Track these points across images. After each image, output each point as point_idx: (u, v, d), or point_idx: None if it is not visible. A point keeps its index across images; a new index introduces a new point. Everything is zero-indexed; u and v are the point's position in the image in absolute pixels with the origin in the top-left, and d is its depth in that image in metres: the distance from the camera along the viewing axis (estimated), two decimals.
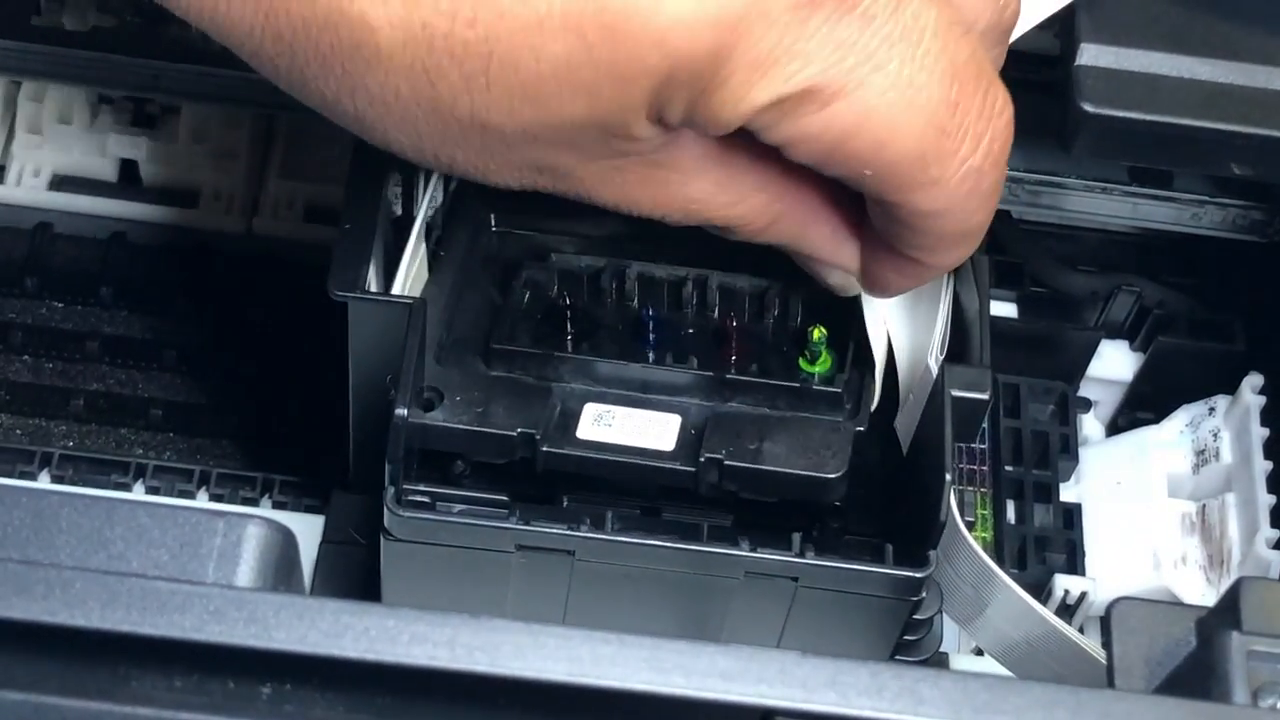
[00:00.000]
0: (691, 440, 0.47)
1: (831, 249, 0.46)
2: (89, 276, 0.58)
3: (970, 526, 0.49)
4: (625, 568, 0.45)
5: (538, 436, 0.46)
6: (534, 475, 0.47)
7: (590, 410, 0.47)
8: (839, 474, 0.46)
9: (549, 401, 0.47)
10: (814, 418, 0.47)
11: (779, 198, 0.45)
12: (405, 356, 0.45)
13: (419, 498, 0.46)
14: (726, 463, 0.46)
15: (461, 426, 0.46)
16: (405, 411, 0.45)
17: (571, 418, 0.47)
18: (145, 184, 0.60)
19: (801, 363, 0.48)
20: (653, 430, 0.47)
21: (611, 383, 0.48)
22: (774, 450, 0.46)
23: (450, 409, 0.47)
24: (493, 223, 0.51)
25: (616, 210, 0.45)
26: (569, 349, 0.48)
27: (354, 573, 0.52)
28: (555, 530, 0.45)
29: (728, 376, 0.48)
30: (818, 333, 0.48)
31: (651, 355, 0.48)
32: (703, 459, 0.46)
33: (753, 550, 0.45)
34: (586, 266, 0.50)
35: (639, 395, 0.48)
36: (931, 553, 0.45)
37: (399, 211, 0.49)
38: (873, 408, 0.48)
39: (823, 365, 0.48)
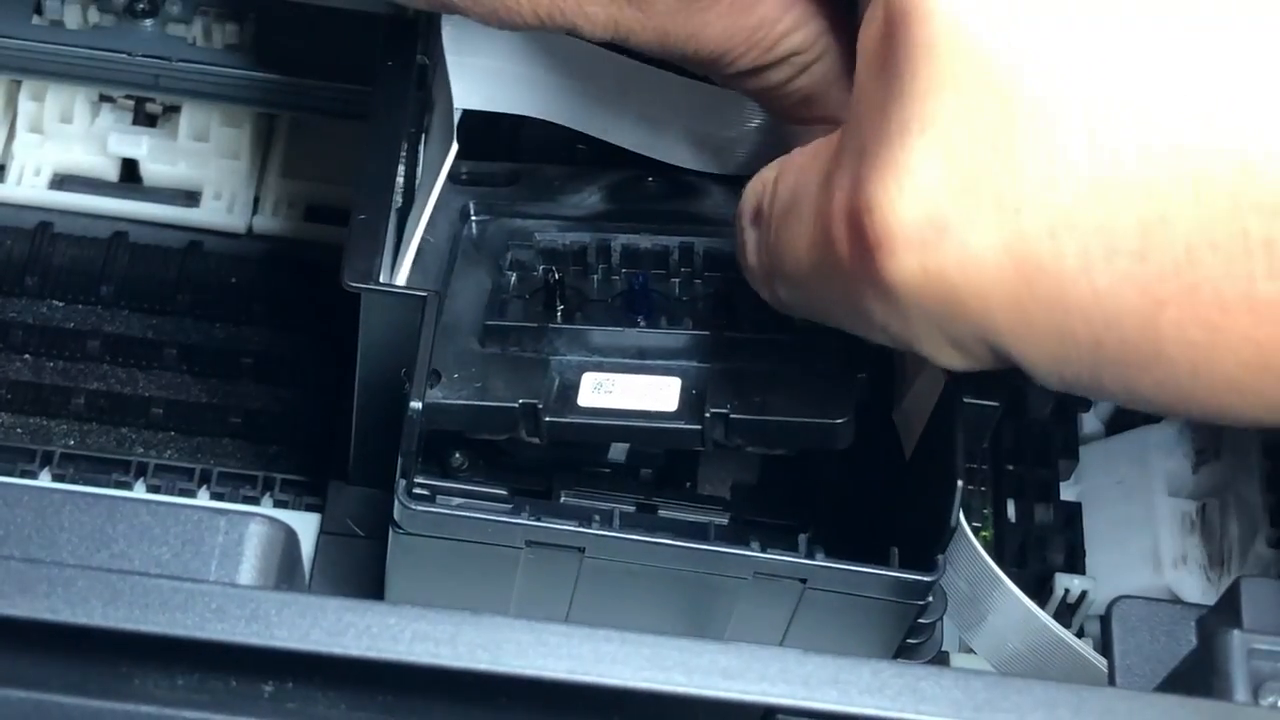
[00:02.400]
0: (694, 400, 0.47)
1: (843, 105, 0.46)
2: (90, 275, 0.58)
3: (975, 531, 0.49)
4: (632, 565, 0.45)
5: (540, 407, 0.46)
6: (532, 468, 0.47)
7: (589, 379, 0.47)
8: (845, 419, 0.46)
9: (547, 374, 0.47)
10: (814, 368, 0.47)
11: (826, 30, 0.46)
12: (421, 348, 0.45)
13: (419, 490, 0.46)
14: (732, 416, 0.46)
15: (462, 402, 0.46)
16: (420, 404, 0.45)
17: (571, 388, 0.47)
18: (146, 183, 0.60)
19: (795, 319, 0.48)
20: (654, 393, 0.47)
21: (608, 351, 0.48)
22: (778, 401, 0.46)
23: (449, 387, 0.47)
24: (473, 211, 0.51)
25: (679, 49, 0.45)
26: (561, 321, 0.48)
27: (352, 564, 0.52)
28: (567, 527, 0.45)
29: (725, 335, 0.48)
30: None
31: (645, 321, 0.48)
32: (708, 414, 0.46)
33: (762, 551, 0.45)
34: (571, 243, 0.50)
35: (636, 361, 0.48)
36: (940, 557, 0.45)
37: (399, 202, 0.49)
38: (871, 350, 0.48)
39: None
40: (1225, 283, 0.35)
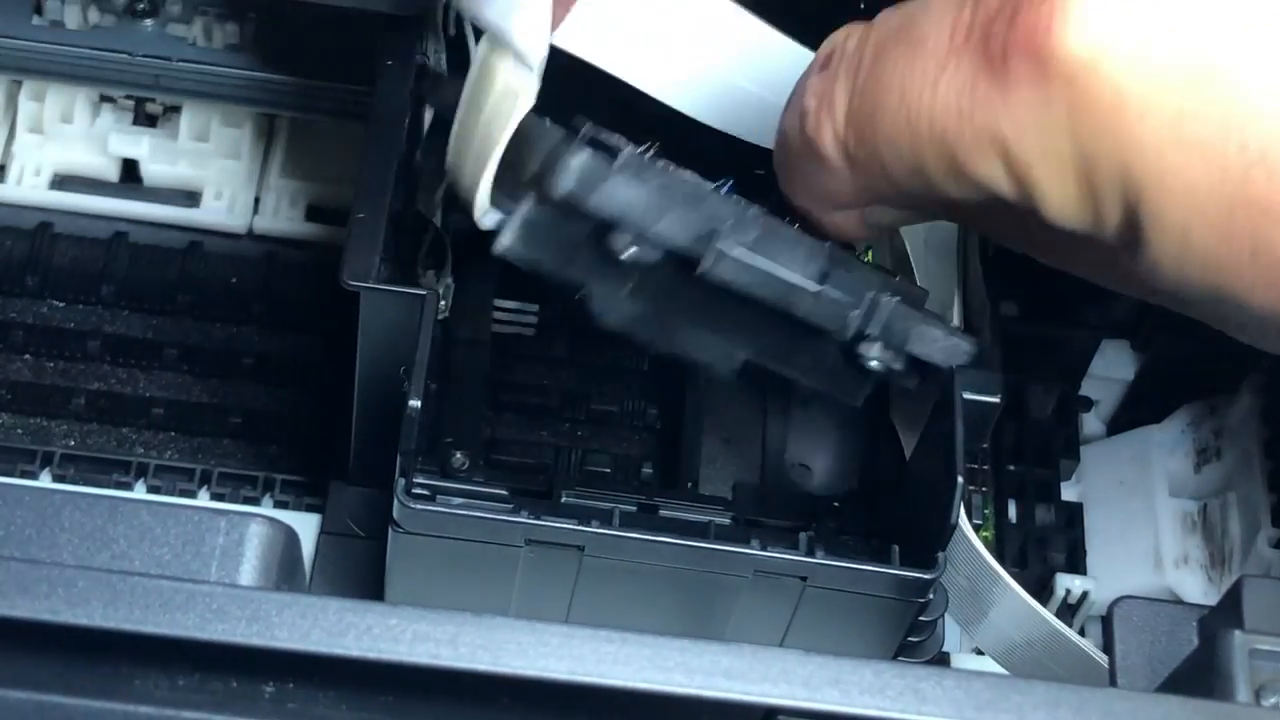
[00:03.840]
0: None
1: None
2: (90, 276, 0.58)
3: (975, 530, 0.49)
4: (632, 564, 0.45)
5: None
6: (532, 470, 0.47)
7: None
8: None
9: None
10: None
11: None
12: (419, 349, 0.45)
13: (419, 489, 0.46)
14: None
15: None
16: (419, 403, 0.45)
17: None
18: (146, 183, 0.60)
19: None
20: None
21: None
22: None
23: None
24: None
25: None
26: None
27: (353, 564, 0.52)
28: (566, 525, 0.45)
29: None
30: (869, 256, 0.47)
31: None
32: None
33: (762, 549, 0.45)
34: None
35: None
36: (940, 555, 0.45)
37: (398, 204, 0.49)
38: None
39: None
40: None
